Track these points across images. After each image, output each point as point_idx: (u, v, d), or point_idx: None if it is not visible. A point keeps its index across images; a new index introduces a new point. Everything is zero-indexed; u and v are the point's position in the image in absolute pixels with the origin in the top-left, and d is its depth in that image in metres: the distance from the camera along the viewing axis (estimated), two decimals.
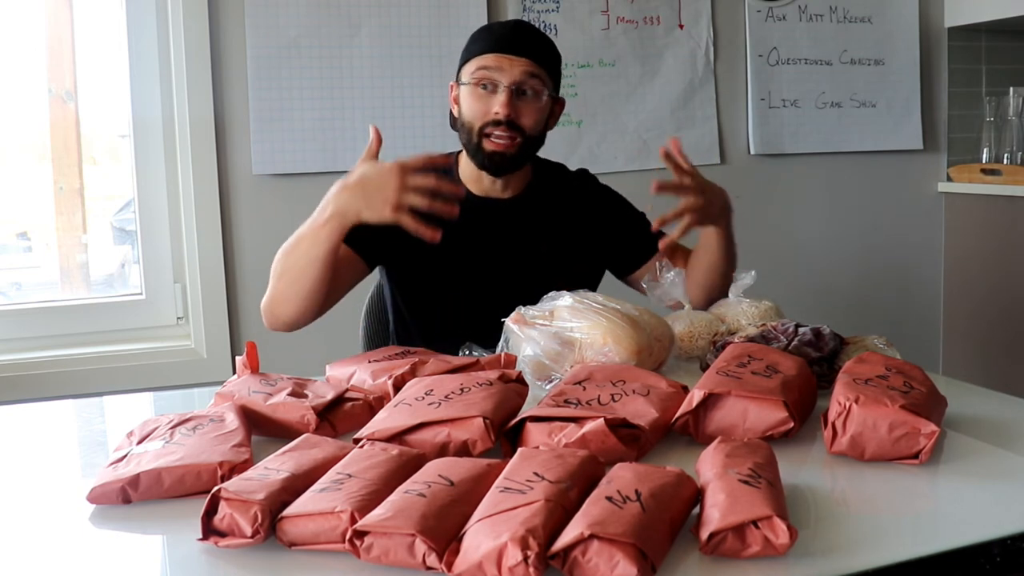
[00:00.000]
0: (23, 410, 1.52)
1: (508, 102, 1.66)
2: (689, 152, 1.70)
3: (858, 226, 3.13)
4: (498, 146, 1.68)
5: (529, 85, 1.69)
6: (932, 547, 0.89)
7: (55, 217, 2.56)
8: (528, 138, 1.71)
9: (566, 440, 1.10)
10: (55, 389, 2.34)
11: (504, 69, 1.67)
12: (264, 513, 0.90)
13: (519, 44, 1.69)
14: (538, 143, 1.76)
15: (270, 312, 1.67)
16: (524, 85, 1.68)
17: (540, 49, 1.72)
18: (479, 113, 1.69)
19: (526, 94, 1.69)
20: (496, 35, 1.72)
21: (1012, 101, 3.05)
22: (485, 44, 1.70)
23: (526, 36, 1.72)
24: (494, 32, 1.74)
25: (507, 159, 1.70)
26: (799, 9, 2.98)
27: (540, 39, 1.74)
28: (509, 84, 1.67)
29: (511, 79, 1.67)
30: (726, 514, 0.86)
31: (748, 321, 1.60)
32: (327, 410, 1.25)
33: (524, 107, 1.69)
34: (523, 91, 1.68)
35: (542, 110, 1.72)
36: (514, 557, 0.80)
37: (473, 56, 1.70)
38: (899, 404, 1.08)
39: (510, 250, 1.78)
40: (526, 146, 1.72)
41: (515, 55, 1.67)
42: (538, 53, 1.70)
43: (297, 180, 2.55)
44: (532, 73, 1.68)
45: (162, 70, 2.48)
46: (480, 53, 1.69)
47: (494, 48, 1.69)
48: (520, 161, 1.74)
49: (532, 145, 1.74)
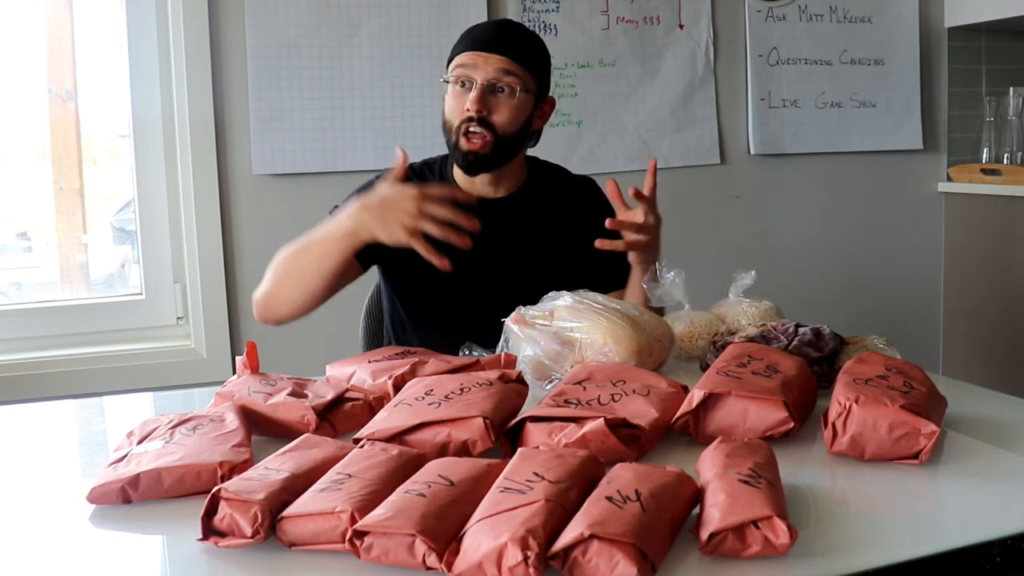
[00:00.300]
0: (23, 410, 1.52)
1: (478, 98, 1.67)
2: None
3: (858, 226, 3.13)
4: (472, 146, 1.69)
5: (504, 82, 1.69)
6: (932, 547, 0.89)
7: (55, 217, 2.56)
8: (501, 137, 1.70)
9: (566, 440, 1.10)
10: (55, 389, 2.34)
11: (479, 67, 1.68)
12: (264, 513, 0.90)
13: (495, 42, 1.70)
14: (516, 142, 1.74)
15: (265, 307, 1.70)
16: (499, 82, 1.69)
17: (518, 47, 1.72)
18: (456, 111, 1.70)
19: (501, 91, 1.69)
20: (475, 34, 1.74)
21: (1012, 101, 3.05)
22: (465, 43, 1.73)
23: (504, 34, 1.73)
24: (475, 31, 1.76)
25: (480, 158, 1.70)
26: (799, 9, 2.98)
27: (520, 37, 1.75)
28: (482, 81, 1.68)
29: (484, 76, 1.68)
30: (726, 514, 0.86)
31: (748, 321, 1.60)
32: (327, 410, 1.25)
33: (497, 104, 1.69)
34: (498, 88, 1.69)
35: (518, 108, 1.71)
36: (514, 557, 0.80)
37: (455, 55, 1.73)
38: (899, 404, 1.08)
39: (505, 249, 1.78)
40: (500, 145, 1.70)
41: (490, 52, 1.69)
42: (516, 51, 1.70)
43: (297, 180, 2.55)
44: (507, 70, 1.69)
45: (162, 70, 2.48)
46: (461, 52, 1.72)
47: (472, 46, 1.71)
48: (495, 160, 1.72)
49: (508, 144, 1.72)
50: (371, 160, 2.57)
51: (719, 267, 2.01)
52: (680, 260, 1.72)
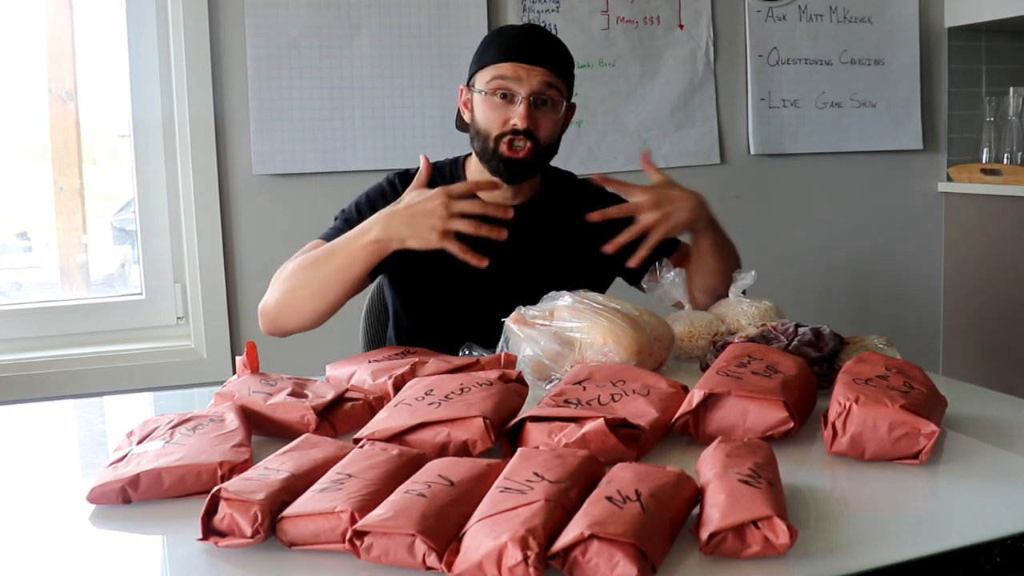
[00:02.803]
0: (23, 410, 1.52)
1: (527, 114, 1.64)
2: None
3: (858, 226, 3.13)
4: (515, 153, 1.66)
5: (547, 95, 1.67)
6: (932, 547, 0.89)
7: (55, 217, 2.56)
8: (543, 147, 1.70)
9: (566, 440, 1.10)
10: (55, 389, 2.34)
11: (522, 79, 1.64)
12: (264, 513, 0.90)
13: (537, 53, 1.67)
14: (552, 151, 1.75)
15: (275, 318, 1.66)
16: (542, 95, 1.66)
17: (556, 57, 1.70)
18: (496, 122, 1.67)
19: (545, 104, 1.67)
20: (513, 43, 1.68)
21: (1012, 101, 3.05)
22: (501, 52, 1.67)
23: (543, 44, 1.70)
24: (511, 39, 1.70)
25: (524, 165, 1.69)
26: (799, 9, 2.98)
27: (556, 46, 1.72)
28: (527, 95, 1.64)
29: (529, 89, 1.64)
30: (726, 514, 0.86)
31: (748, 321, 1.60)
32: (327, 410, 1.25)
33: (542, 118, 1.67)
34: (542, 101, 1.67)
35: (559, 120, 1.71)
36: (514, 557, 0.80)
37: (488, 63, 1.68)
38: (899, 404, 1.08)
39: (517, 256, 1.76)
40: (541, 154, 1.70)
41: (532, 64, 1.65)
42: (555, 62, 1.68)
43: (297, 180, 2.55)
44: (550, 83, 1.66)
45: (162, 70, 2.48)
46: (496, 61, 1.67)
47: (511, 56, 1.66)
48: (535, 168, 1.73)
49: (547, 153, 1.73)
50: (371, 160, 2.57)
51: None
52: None
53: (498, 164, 1.69)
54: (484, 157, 1.71)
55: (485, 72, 1.68)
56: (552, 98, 1.68)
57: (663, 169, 1.77)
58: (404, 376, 1.34)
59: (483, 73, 1.68)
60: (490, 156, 1.69)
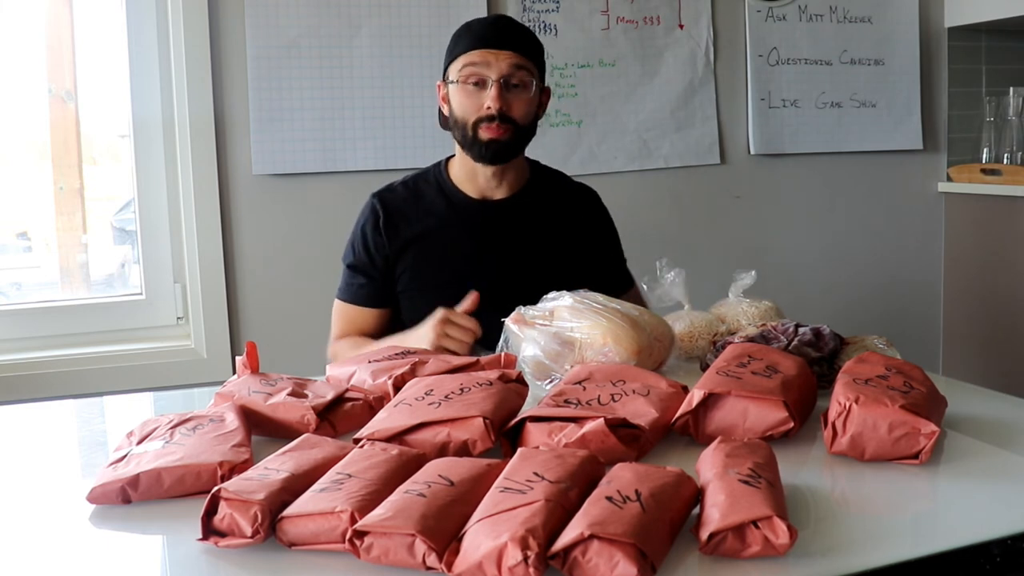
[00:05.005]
0: (23, 410, 1.52)
1: (498, 95, 1.69)
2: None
3: (858, 226, 3.13)
4: (494, 134, 1.71)
5: (517, 77, 1.71)
6: (932, 547, 0.89)
7: (55, 217, 2.56)
8: (520, 128, 1.74)
9: (566, 440, 1.10)
10: (55, 389, 2.34)
11: (491, 64, 1.70)
12: (264, 513, 0.90)
13: (503, 38, 1.72)
14: (530, 133, 1.79)
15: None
16: (512, 78, 1.71)
17: (524, 41, 1.74)
18: (471, 109, 1.72)
19: (515, 86, 1.72)
20: (479, 31, 1.75)
21: (1012, 101, 3.05)
22: (469, 41, 1.73)
23: (509, 29, 1.75)
24: (477, 28, 1.76)
25: (502, 146, 1.73)
26: (799, 9, 2.97)
27: (522, 31, 1.77)
28: (498, 78, 1.70)
29: (499, 73, 1.70)
30: (726, 514, 0.86)
31: (748, 321, 1.60)
32: (327, 410, 1.25)
33: (514, 99, 1.72)
34: (512, 84, 1.71)
35: (531, 101, 1.75)
36: (514, 557, 0.80)
37: (459, 54, 1.73)
38: (899, 404, 1.08)
39: (506, 250, 1.79)
40: (520, 135, 1.75)
41: (500, 49, 1.70)
42: (522, 45, 1.73)
43: (297, 180, 2.55)
44: (519, 65, 1.71)
45: (162, 70, 2.48)
46: (466, 50, 1.72)
47: (479, 44, 1.71)
48: (515, 149, 1.77)
49: (525, 135, 1.77)
50: (371, 160, 2.57)
51: (719, 267, 2.01)
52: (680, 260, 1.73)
53: (480, 149, 1.73)
54: (465, 145, 1.76)
55: (457, 62, 1.73)
56: (523, 80, 1.72)
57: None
58: (404, 376, 1.34)
59: (455, 64, 1.74)
60: (471, 143, 1.74)
